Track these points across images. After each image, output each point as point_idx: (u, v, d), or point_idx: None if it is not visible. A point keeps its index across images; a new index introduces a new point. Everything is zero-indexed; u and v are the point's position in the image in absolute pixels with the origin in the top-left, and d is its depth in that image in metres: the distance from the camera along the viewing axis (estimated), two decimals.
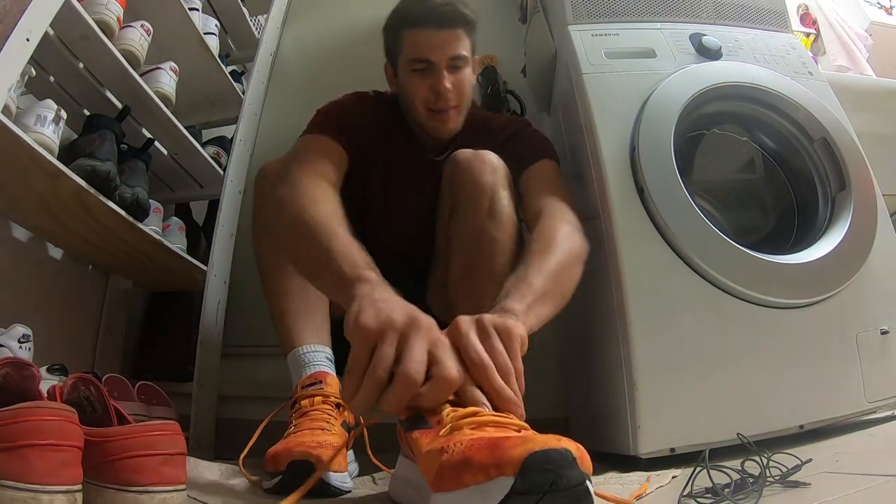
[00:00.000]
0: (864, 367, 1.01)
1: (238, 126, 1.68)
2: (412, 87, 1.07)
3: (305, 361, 0.96)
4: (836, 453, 0.86)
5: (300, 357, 0.97)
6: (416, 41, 1.05)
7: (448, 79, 1.04)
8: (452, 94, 1.05)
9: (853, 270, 1.05)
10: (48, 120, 1.00)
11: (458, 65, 1.06)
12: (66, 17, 1.04)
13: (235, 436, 0.92)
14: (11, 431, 0.53)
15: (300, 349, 0.97)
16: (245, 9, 1.88)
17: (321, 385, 0.92)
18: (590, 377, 1.20)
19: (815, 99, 1.20)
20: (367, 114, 1.11)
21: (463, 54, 1.06)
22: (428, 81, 1.05)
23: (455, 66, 1.06)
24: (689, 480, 0.65)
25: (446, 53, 1.04)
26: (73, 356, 1.36)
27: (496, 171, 0.99)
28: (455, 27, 1.05)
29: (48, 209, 1.14)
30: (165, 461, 0.63)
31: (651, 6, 1.31)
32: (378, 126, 1.11)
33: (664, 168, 1.05)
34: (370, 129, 1.09)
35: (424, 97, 1.06)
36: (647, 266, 1.01)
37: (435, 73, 1.05)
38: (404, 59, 1.07)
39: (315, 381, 0.93)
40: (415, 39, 1.05)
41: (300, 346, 0.97)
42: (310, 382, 0.93)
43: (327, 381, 0.93)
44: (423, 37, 1.04)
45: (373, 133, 1.09)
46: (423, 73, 1.05)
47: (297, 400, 0.92)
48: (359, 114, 1.10)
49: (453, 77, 1.05)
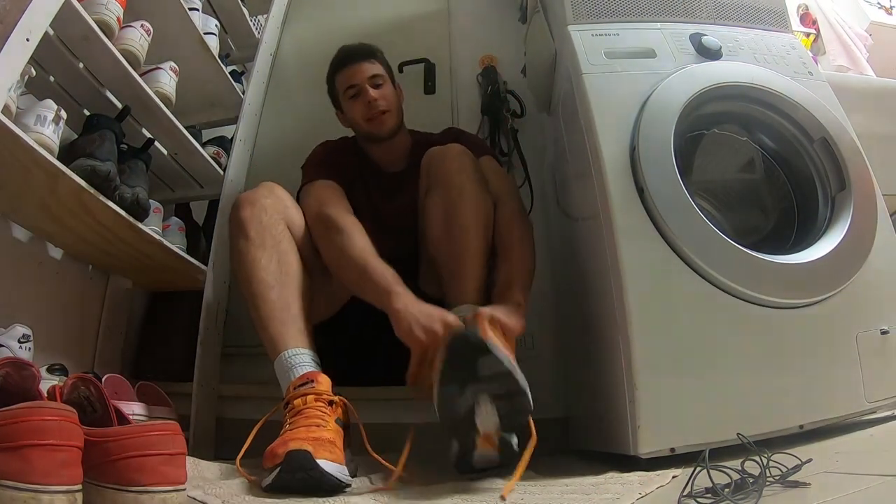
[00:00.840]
0: (864, 367, 1.01)
1: (238, 126, 1.68)
2: (353, 110, 1.40)
3: (293, 364, 1.00)
4: (836, 453, 0.86)
5: (287, 360, 1.00)
6: (344, 77, 1.41)
7: (373, 92, 1.37)
8: (380, 101, 1.37)
9: (853, 270, 1.05)
10: (48, 120, 1.00)
11: (377, 83, 1.39)
12: (66, 17, 1.04)
13: (235, 436, 0.92)
14: (12, 431, 0.53)
15: (286, 353, 1.01)
16: (245, 9, 1.88)
17: (313, 384, 0.94)
18: (590, 377, 1.20)
19: (815, 99, 1.20)
20: (341, 153, 1.43)
21: (378, 73, 1.40)
22: (361, 100, 1.38)
23: (376, 84, 1.39)
24: (689, 480, 0.65)
25: (365, 75, 1.39)
26: (73, 356, 1.36)
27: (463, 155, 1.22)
28: (367, 58, 1.40)
29: (48, 209, 1.14)
30: (165, 461, 0.63)
31: (651, 6, 1.31)
32: (349, 159, 1.42)
33: (664, 168, 1.05)
34: (347, 163, 1.40)
35: (361, 111, 1.39)
36: (647, 266, 1.01)
37: (363, 92, 1.38)
38: (341, 92, 1.42)
39: (306, 380, 0.95)
40: (343, 76, 1.41)
41: (286, 350, 1.02)
42: (301, 382, 0.95)
43: (318, 379, 0.95)
44: (347, 71, 1.40)
45: (349, 165, 1.40)
46: (356, 97, 1.39)
47: (289, 400, 0.94)
48: (337, 154, 1.42)
49: (377, 91, 1.38)
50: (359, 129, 1.42)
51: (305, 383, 0.94)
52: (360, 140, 1.46)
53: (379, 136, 1.40)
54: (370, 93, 1.37)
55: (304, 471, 0.78)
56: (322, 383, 0.95)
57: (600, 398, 1.10)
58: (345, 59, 1.42)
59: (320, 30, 2.12)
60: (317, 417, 0.90)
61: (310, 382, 0.94)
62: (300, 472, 0.78)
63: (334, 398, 0.94)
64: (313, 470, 0.79)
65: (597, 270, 1.11)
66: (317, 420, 0.89)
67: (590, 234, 1.16)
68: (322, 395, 0.93)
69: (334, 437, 0.87)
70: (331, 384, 0.96)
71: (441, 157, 1.23)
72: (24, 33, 0.89)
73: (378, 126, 1.38)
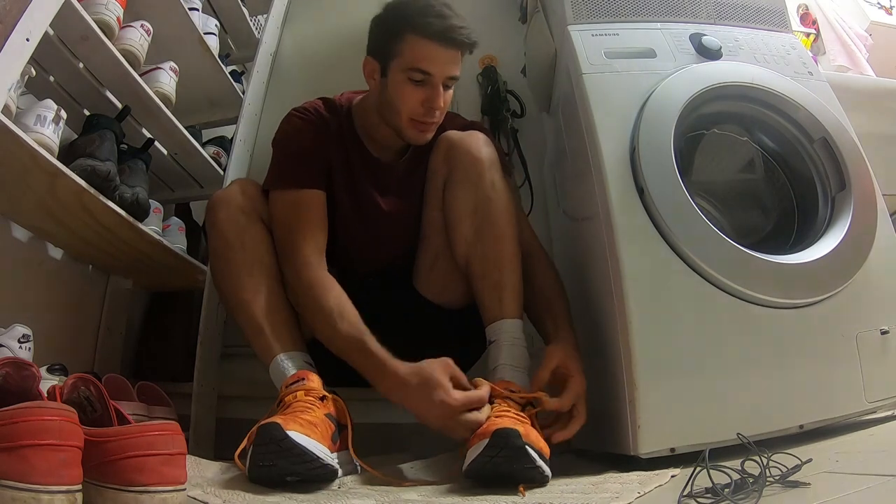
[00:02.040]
0: (864, 367, 1.01)
1: (238, 126, 1.67)
2: (404, 95, 1.07)
3: (286, 366, 0.99)
4: (836, 453, 0.86)
5: (280, 363, 1.00)
6: (421, 52, 1.04)
7: (442, 97, 1.07)
8: (440, 112, 1.09)
9: (853, 270, 1.05)
10: (48, 120, 1.00)
11: (450, 84, 1.09)
12: (66, 17, 1.04)
13: (235, 436, 0.92)
14: (11, 431, 0.53)
15: (279, 357, 1.00)
16: (245, 9, 1.88)
17: (304, 381, 0.94)
18: (590, 377, 1.20)
19: (815, 99, 1.20)
20: (318, 134, 1.14)
21: (458, 76, 1.09)
22: (422, 94, 1.06)
23: (448, 86, 1.08)
24: (689, 480, 0.65)
25: (447, 73, 1.06)
26: (73, 356, 1.36)
27: (489, 144, 1.10)
28: (465, 51, 1.08)
29: (48, 209, 1.14)
30: (165, 461, 0.63)
31: (651, 6, 1.31)
32: (330, 139, 1.15)
33: (664, 168, 1.05)
34: (329, 146, 1.14)
35: (413, 108, 1.07)
36: (647, 266, 1.01)
37: (432, 87, 1.06)
38: (402, 65, 1.06)
39: (298, 378, 0.95)
40: (421, 50, 1.04)
41: (279, 355, 1.00)
42: (293, 381, 0.95)
43: (309, 377, 0.95)
44: (430, 50, 1.04)
45: (329, 150, 1.14)
46: (418, 85, 1.06)
47: (282, 398, 0.94)
48: (315, 135, 1.14)
49: (445, 95, 1.08)
50: (392, 116, 1.10)
51: (297, 381, 0.94)
52: (369, 113, 1.16)
53: (409, 141, 1.14)
54: (440, 97, 1.07)
55: (274, 442, 0.77)
56: (313, 380, 0.95)
57: (600, 398, 1.10)
58: (442, 32, 1.04)
59: (320, 30, 2.12)
60: (303, 408, 0.89)
61: (301, 380, 0.94)
62: (271, 444, 0.77)
63: (326, 394, 0.94)
64: (284, 440, 0.77)
65: (597, 270, 1.11)
66: (301, 409, 0.89)
67: (590, 235, 1.16)
68: (312, 390, 0.93)
69: (317, 422, 0.86)
70: (322, 383, 0.96)
71: (467, 143, 1.09)
72: (24, 33, 0.89)
73: (419, 133, 1.11)
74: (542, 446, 0.83)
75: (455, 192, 1.08)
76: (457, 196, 1.08)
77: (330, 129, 1.16)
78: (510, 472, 0.79)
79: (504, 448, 0.78)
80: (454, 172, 1.09)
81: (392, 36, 1.07)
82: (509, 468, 0.78)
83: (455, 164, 1.09)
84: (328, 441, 0.87)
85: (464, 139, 1.09)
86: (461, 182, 1.07)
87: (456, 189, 1.08)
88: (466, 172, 1.07)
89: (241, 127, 1.67)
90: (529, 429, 0.84)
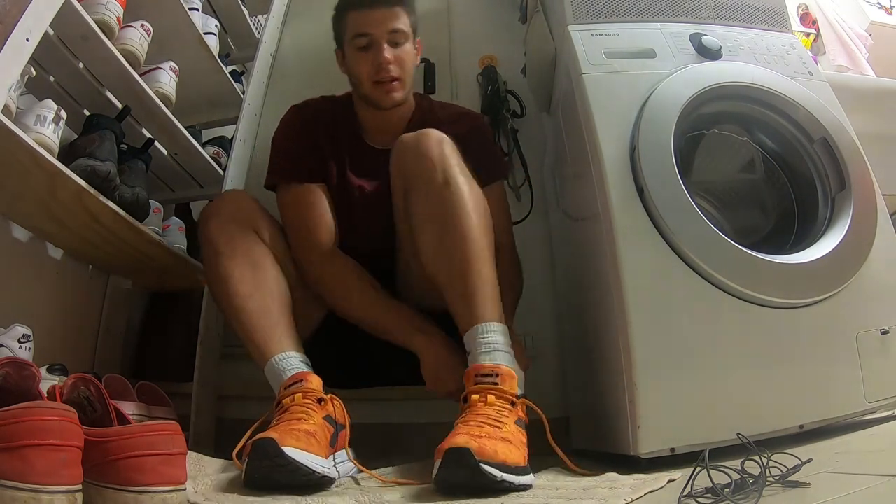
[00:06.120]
0: (864, 367, 1.01)
1: (238, 126, 1.68)
2: (358, 64, 1.14)
3: (283, 367, 0.98)
4: (836, 453, 0.86)
5: (276, 365, 0.99)
6: (357, 20, 1.14)
7: (388, 51, 1.12)
8: (394, 66, 1.12)
9: (853, 270, 1.05)
10: (48, 120, 1.00)
11: (397, 40, 1.13)
12: (66, 17, 1.04)
13: (235, 435, 0.92)
14: (12, 431, 0.53)
15: (274, 359, 0.99)
16: (245, 9, 1.88)
17: (302, 383, 0.94)
18: (589, 377, 1.20)
19: (815, 99, 1.20)
20: (308, 126, 1.20)
21: (401, 28, 1.13)
22: (370, 56, 1.13)
23: (395, 42, 1.13)
24: (690, 480, 0.65)
25: (385, 27, 1.12)
26: (73, 356, 1.36)
27: (442, 142, 1.04)
28: (392, 5, 1.13)
29: (48, 209, 1.14)
30: (165, 461, 0.63)
31: (651, 6, 1.31)
32: (324, 130, 1.20)
33: (664, 168, 1.05)
34: (320, 140, 1.19)
35: (368, 71, 1.13)
36: (647, 266, 1.01)
37: (375, 47, 1.12)
38: (348, 38, 1.15)
39: (296, 380, 0.95)
40: (356, 18, 1.14)
41: (273, 357, 1.00)
42: (291, 382, 0.95)
43: (308, 379, 0.95)
44: (363, 15, 1.13)
45: (323, 142, 1.19)
46: (366, 50, 1.13)
47: (279, 401, 0.94)
48: (306, 134, 1.19)
49: (394, 51, 1.13)
50: (359, 87, 1.17)
51: (295, 383, 0.94)
52: (358, 102, 1.21)
53: (380, 105, 1.16)
54: (385, 52, 1.11)
55: (268, 458, 0.77)
56: (312, 382, 0.95)
57: (600, 398, 1.11)
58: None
59: (320, 30, 2.09)
60: (301, 413, 0.89)
61: (299, 382, 0.94)
62: (266, 460, 0.77)
63: (324, 396, 0.93)
64: (279, 457, 0.77)
65: (597, 270, 1.11)
66: (300, 415, 0.89)
67: (590, 235, 1.16)
68: (310, 392, 0.93)
69: (315, 430, 0.86)
70: (321, 384, 0.96)
71: (415, 146, 1.03)
72: (24, 33, 0.89)
73: (384, 94, 1.13)
74: (506, 457, 0.77)
75: (411, 199, 1.05)
76: (413, 203, 1.04)
77: (322, 120, 1.21)
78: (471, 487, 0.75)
79: (458, 468, 0.74)
80: (408, 179, 1.05)
81: (339, 20, 1.18)
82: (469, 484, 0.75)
83: (408, 171, 1.05)
84: (326, 447, 0.87)
85: (412, 140, 1.04)
86: (414, 189, 1.04)
87: (411, 196, 1.05)
88: (418, 177, 1.02)
89: (241, 127, 1.67)
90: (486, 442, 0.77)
